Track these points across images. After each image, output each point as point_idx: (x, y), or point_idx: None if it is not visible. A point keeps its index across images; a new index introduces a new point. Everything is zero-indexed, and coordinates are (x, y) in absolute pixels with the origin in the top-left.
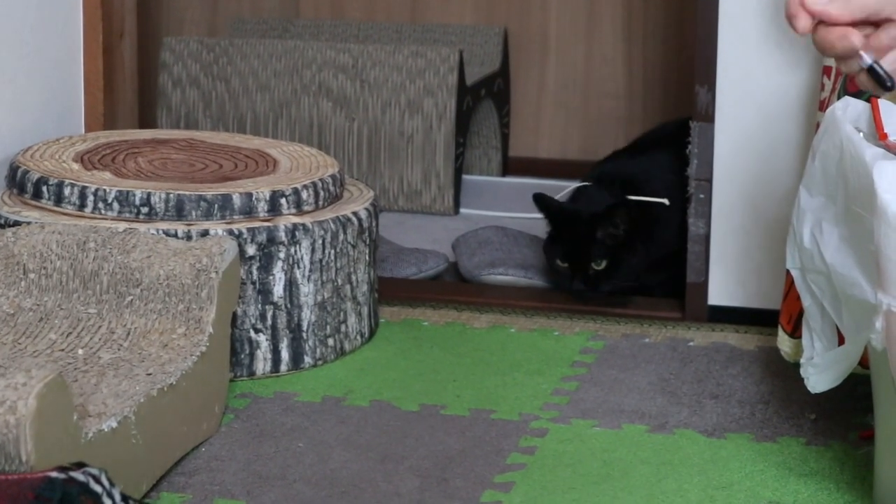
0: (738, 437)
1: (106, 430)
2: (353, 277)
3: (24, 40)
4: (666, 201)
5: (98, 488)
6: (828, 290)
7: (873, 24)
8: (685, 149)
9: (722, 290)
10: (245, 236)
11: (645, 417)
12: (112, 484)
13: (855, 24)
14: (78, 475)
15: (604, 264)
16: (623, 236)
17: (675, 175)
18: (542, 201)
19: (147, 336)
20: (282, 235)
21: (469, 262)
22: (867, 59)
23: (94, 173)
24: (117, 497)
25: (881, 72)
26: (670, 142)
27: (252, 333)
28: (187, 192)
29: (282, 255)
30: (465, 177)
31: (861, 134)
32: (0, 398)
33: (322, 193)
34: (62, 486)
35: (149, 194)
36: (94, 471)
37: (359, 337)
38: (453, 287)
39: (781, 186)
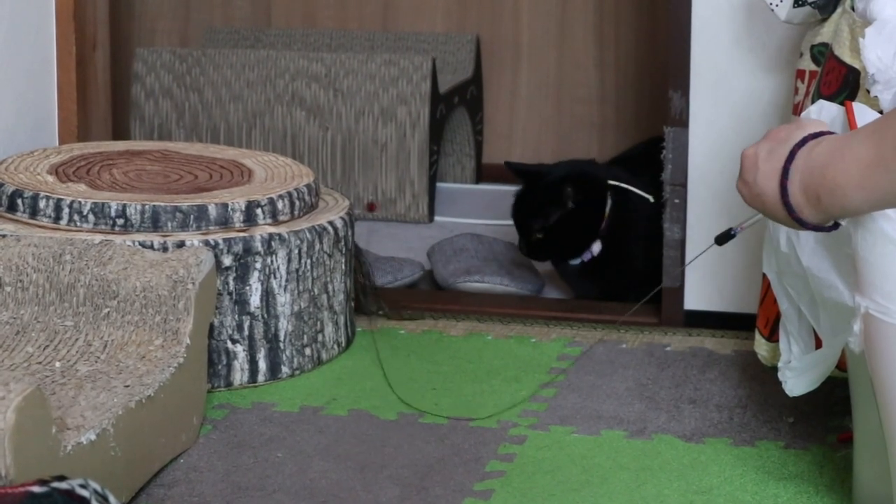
0: (716, 442)
1: (85, 442)
2: (330, 287)
3: None
4: (650, 198)
5: (85, 493)
6: (804, 293)
7: None
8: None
9: (698, 295)
10: (221, 247)
11: (623, 423)
12: (101, 488)
13: None
14: (61, 484)
15: (541, 235)
16: (567, 215)
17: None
18: (513, 165)
19: (124, 348)
20: (258, 245)
21: (445, 270)
22: None
23: (69, 185)
24: (112, 500)
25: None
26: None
27: (229, 344)
28: (163, 204)
29: (258, 265)
30: (440, 184)
31: None
32: None
33: (297, 203)
34: (46, 499)
35: (124, 206)
36: (79, 480)
37: (336, 346)
38: (429, 295)
39: None
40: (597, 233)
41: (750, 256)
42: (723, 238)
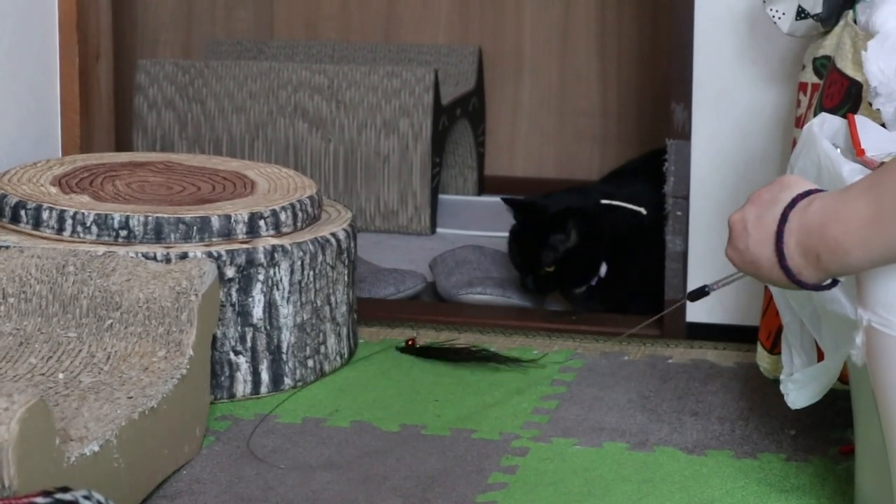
0: (718, 454)
1: (88, 453)
2: (333, 298)
3: (0, 64)
4: (643, 210)
5: None
6: (806, 305)
7: None
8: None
9: (700, 307)
10: (224, 258)
11: (625, 435)
12: (105, 499)
13: None
14: (65, 495)
15: (552, 269)
16: (575, 245)
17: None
18: (510, 201)
19: (127, 359)
20: (261, 257)
21: (447, 282)
22: None
23: (72, 197)
24: None
25: None
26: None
27: (232, 355)
28: (166, 215)
29: (261, 276)
30: (442, 196)
31: (838, 150)
32: None
33: (300, 215)
34: None
35: (127, 217)
36: (83, 491)
37: (338, 358)
38: (432, 307)
39: None
40: (601, 257)
41: None
42: (696, 294)
